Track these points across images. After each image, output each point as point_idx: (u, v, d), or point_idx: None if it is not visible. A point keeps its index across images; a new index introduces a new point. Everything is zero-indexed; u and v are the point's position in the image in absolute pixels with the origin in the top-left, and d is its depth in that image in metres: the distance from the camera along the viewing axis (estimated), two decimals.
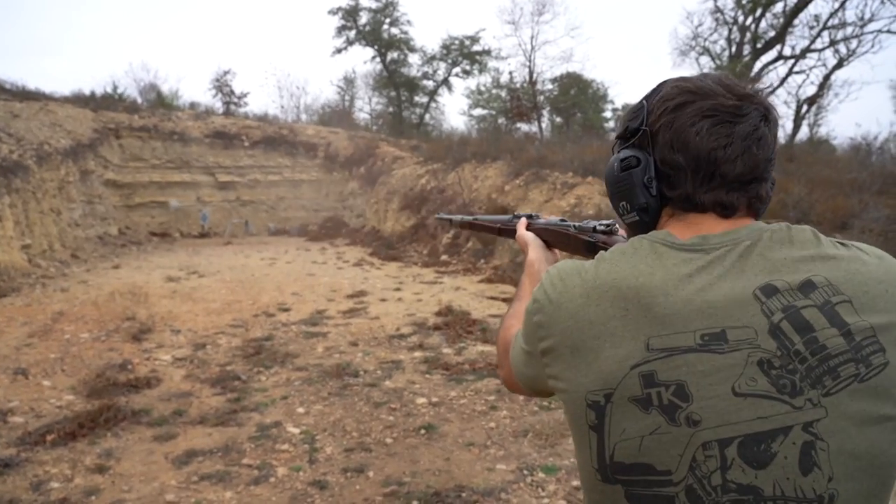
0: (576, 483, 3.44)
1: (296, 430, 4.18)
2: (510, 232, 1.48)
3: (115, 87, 25.46)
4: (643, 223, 0.90)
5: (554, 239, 1.31)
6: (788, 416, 0.71)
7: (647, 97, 0.90)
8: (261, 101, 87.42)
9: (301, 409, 4.56)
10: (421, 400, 4.74)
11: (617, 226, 1.17)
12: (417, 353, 5.99)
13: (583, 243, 1.21)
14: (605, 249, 1.13)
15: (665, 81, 0.89)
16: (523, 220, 1.41)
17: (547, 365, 0.85)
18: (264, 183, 23.22)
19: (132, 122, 21.01)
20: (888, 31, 17.98)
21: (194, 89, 79.30)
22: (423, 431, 4.16)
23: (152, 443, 3.96)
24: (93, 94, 22.83)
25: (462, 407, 4.60)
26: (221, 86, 29.69)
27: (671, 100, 0.84)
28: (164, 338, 6.66)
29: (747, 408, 0.72)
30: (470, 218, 1.71)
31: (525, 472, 3.57)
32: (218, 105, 28.88)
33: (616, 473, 0.77)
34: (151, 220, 20.94)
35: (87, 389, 4.89)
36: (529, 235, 1.34)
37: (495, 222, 1.57)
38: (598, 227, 1.19)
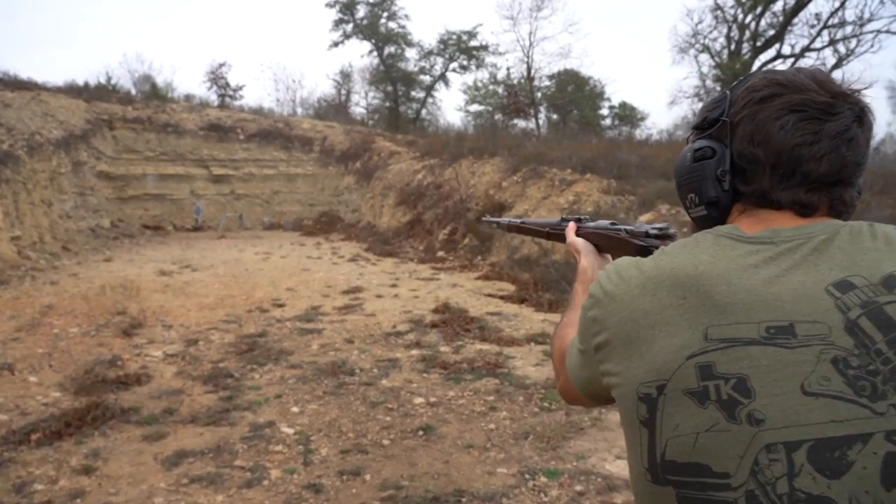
0: (579, 488, 3.34)
1: (290, 431, 4.05)
2: (559, 236, 1.43)
3: (108, 78, 25.29)
4: (711, 218, 0.84)
5: (605, 243, 1.26)
6: (868, 422, 0.65)
7: (731, 88, 0.84)
8: (256, 94, 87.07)
9: (295, 409, 4.44)
10: (418, 400, 4.62)
11: (671, 230, 1.11)
12: (414, 352, 5.87)
13: (634, 248, 1.15)
14: None
15: (753, 73, 0.83)
16: (572, 225, 1.35)
17: (601, 361, 0.80)
18: (259, 176, 23.02)
19: (126, 114, 20.78)
20: (887, 32, 17.98)
21: (189, 81, 78.68)
22: (420, 433, 4.05)
23: (141, 443, 3.83)
24: (86, 85, 22.63)
25: (460, 407, 4.49)
26: (216, 78, 29.54)
27: (758, 91, 0.79)
28: (155, 333, 6.52)
29: (819, 409, 0.65)
30: (517, 221, 1.69)
31: (526, 476, 3.46)
32: (213, 97, 28.75)
33: (667, 473, 0.71)
34: (144, 212, 20.73)
35: (74, 386, 4.75)
36: (581, 241, 1.28)
37: (544, 226, 1.53)
38: (650, 231, 1.13)
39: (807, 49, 18.92)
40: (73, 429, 3.91)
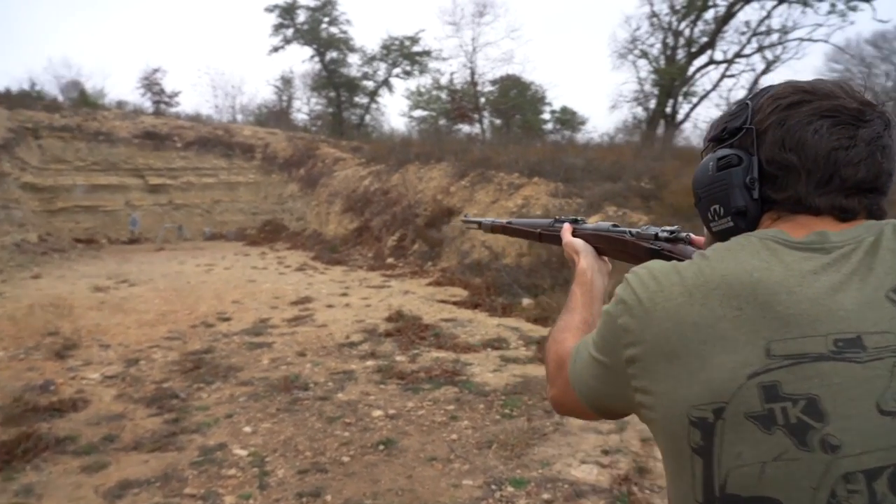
0: (546, 496, 3.28)
1: (243, 453, 3.85)
2: (553, 237, 1.35)
3: (32, 84, 23.97)
4: (737, 230, 0.77)
5: (607, 246, 1.18)
6: None
7: (750, 98, 0.80)
8: (193, 100, 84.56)
9: (248, 429, 4.23)
10: (377, 412, 4.49)
11: (684, 233, 1.04)
12: (370, 362, 5.72)
13: (644, 251, 1.07)
14: (670, 257, 0.98)
15: (772, 84, 0.80)
16: (567, 226, 1.28)
17: (634, 376, 0.72)
18: (198, 185, 22.25)
19: (53, 122, 19.72)
20: (809, 39, 18.96)
21: (121, 87, 75.72)
22: (381, 447, 3.91)
23: (80, 475, 3.55)
24: (8, 92, 21.39)
25: (421, 418, 4.38)
26: (151, 84, 28.53)
27: (784, 98, 0.75)
28: (91, 354, 6.14)
29: None
30: (503, 221, 1.57)
31: (493, 486, 3.38)
32: (147, 104, 27.69)
33: None
34: (76, 225, 19.70)
35: (1, 416, 4.38)
36: (580, 242, 1.21)
37: (535, 227, 1.44)
38: (660, 234, 1.06)
39: (738, 55, 19.74)
40: (1, 464, 3.59)
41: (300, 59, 70.77)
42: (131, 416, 4.50)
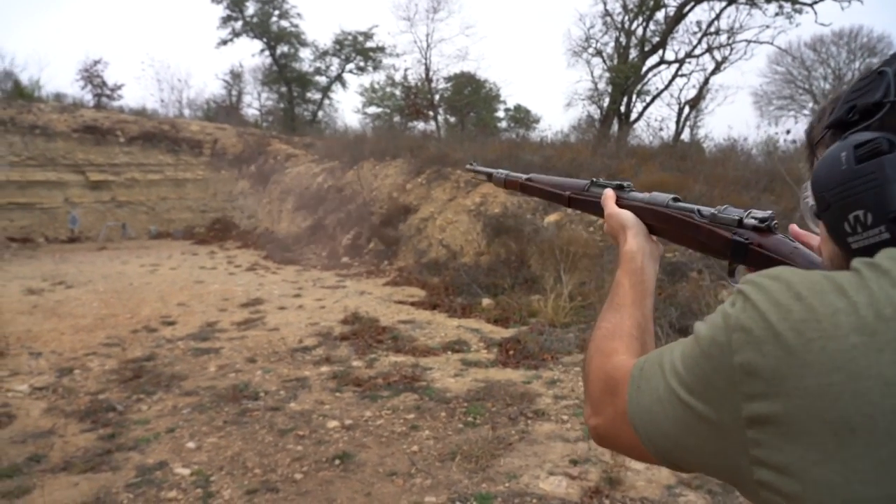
0: None
1: (185, 472, 3.55)
2: (587, 204, 1.05)
3: None
4: (893, 245, 0.52)
5: (664, 226, 0.90)
6: None
7: (886, 63, 0.56)
8: (137, 93, 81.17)
9: (191, 444, 3.92)
10: (332, 423, 4.23)
11: (775, 221, 0.77)
12: (325, 368, 5.45)
13: (721, 242, 0.80)
14: (760, 255, 0.74)
15: None
16: (610, 192, 0.99)
17: (758, 443, 0.49)
18: (143, 182, 21.32)
19: None
20: (756, 41, 19.44)
21: (59, 79, 71.88)
22: (337, 462, 3.67)
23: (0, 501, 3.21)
24: None
25: (379, 429, 4.15)
26: (91, 76, 27.14)
27: None
28: (19, 363, 5.67)
29: None
30: (521, 176, 1.25)
31: (457, 503, 3.19)
32: (88, 97, 26.35)
33: None
34: (10, 223, 18.60)
35: None
36: (629, 215, 0.93)
37: (563, 188, 1.11)
38: (745, 221, 0.78)
39: (688, 55, 20.06)
40: None
41: (250, 53, 69.06)
42: (62, 432, 4.13)
